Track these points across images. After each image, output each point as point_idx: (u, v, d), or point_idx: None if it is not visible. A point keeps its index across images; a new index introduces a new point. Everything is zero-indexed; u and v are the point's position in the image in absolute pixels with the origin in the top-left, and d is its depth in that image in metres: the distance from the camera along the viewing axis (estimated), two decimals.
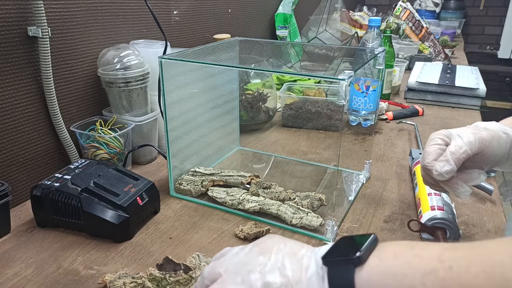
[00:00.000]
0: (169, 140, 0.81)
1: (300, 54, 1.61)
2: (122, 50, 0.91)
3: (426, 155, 0.58)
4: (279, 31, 1.89)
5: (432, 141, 0.58)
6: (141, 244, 0.68)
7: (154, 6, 1.13)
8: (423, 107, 1.34)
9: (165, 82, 0.77)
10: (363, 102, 1.11)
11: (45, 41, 0.79)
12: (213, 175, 0.84)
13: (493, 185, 0.82)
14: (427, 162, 0.57)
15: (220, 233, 0.71)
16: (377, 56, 0.83)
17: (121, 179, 0.74)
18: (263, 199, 0.76)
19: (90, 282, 0.59)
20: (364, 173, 0.90)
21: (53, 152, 0.88)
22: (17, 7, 0.76)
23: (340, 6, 2.08)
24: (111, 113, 0.94)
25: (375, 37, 1.22)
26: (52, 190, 0.69)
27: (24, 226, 0.73)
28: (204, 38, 1.37)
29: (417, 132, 1.14)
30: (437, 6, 3.26)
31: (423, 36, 2.05)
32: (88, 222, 0.69)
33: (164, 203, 0.80)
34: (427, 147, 0.58)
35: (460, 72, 1.56)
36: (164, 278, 0.55)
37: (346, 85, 0.61)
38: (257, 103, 1.15)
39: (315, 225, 0.70)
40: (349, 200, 0.82)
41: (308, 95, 1.27)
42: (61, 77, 0.87)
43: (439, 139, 0.58)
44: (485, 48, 3.69)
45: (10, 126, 0.78)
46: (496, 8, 3.55)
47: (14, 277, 0.60)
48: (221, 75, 0.96)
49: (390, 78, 1.42)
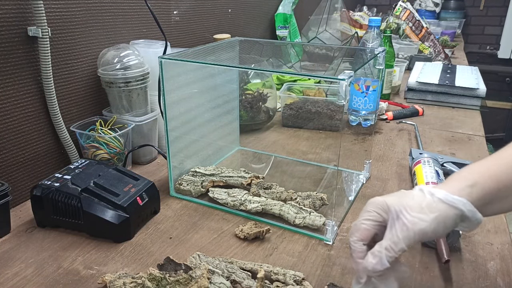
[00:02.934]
0: (169, 140, 0.81)
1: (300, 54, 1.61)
2: (122, 50, 0.91)
3: (355, 230, 0.49)
4: (279, 31, 1.89)
5: (366, 214, 0.49)
6: (141, 244, 0.68)
7: (154, 6, 1.13)
8: (423, 107, 1.34)
9: (165, 82, 0.77)
10: (363, 102, 1.11)
11: (45, 41, 0.79)
12: (213, 175, 0.84)
13: None
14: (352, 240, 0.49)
15: (220, 233, 0.71)
16: (377, 56, 0.83)
17: (121, 179, 0.74)
18: (264, 199, 0.76)
19: (90, 282, 0.59)
20: (364, 173, 0.90)
21: (53, 152, 0.88)
22: (17, 7, 0.76)
23: (340, 6, 2.08)
24: (111, 113, 0.94)
25: (375, 37, 1.22)
26: (52, 190, 0.69)
27: (24, 226, 0.73)
28: (204, 38, 1.37)
29: (417, 132, 1.14)
30: (437, 6, 3.26)
31: (423, 36, 2.05)
32: (88, 222, 0.69)
33: (164, 203, 0.80)
34: (359, 221, 0.50)
35: (460, 72, 1.56)
36: (164, 278, 0.55)
37: (346, 85, 0.61)
38: (257, 103, 1.15)
39: (318, 225, 0.70)
40: (349, 200, 0.82)
41: (308, 95, 1.27)
42: (61, 77, 0.87)
43: (376, 214, 0.48)
44: (485, 48, 3.69)
45: (10, 126, 0.78)
46: (496, 8, 3.55)
47: (14, 277, 0.60)
48: (221, 75, 0.96)
49: (390, 78, 1.42)
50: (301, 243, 0.69)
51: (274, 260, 0.64)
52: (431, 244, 0.67)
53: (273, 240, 0.69)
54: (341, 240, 0.69)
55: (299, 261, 0.64)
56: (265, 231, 0.69)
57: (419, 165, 0.84)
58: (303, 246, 0.68)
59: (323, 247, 0.68)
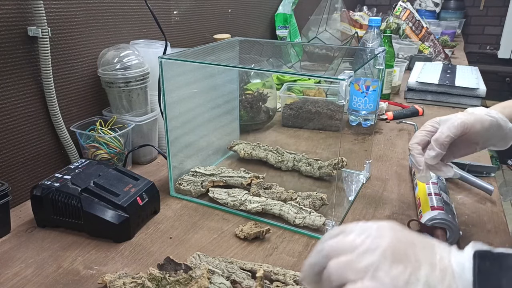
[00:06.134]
0: (169, 140, 0.81)
1: (300, 54, 1.61)
2: (122, 50, 0.91)
3: (413, 138, 0.65)
4: (279, 31, 1.89)
5: (423, 127, 0.65)
6: (141, 244, 0.68)
7: (154, 6, 1.13)
8: (423, 107, 1.34)
9: (165, 82, 0.77)
10: (363, 102, 1.11)
11: (45, 41, 0.79)
12: (213, 175, 0.84)
13: (493, 185, 0.82)
14: (410, 144, 0.65)
15: (220, 233, 0.71)
16: (377, 56, 0.83)
17: (121, 179, 0.74)
18: (264, 199, 0.76)
19: (90, 282, 0.59)
20: (364, 173, 0.90)
21: (53, 152, 0.88)
22: (17, 7, 0.76)
23: (340, 6, 2.08)
24: (111, 113, 0.94)
25: (375, 37, 1.22)
26: (52, 190, 0.69)
27: (24, 226, 0.73)
28: (204, 38, 1.37)
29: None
30: (437, 6, 3.26)
31: (423, 36, 2.05)
32: (88, 222, 0.69)
33: (164, 203, 0.80)
34: (417, 132, 0.65)
35: (460, 72, 1.56)
36: (164, 278, 0.55)
37: (346, 85, 0.61)
38: (257, 103, 1.15)
39: (318, 225, 0.70)
40: (349, 200, 0.82)
41: (308, 95, 1.27)
42: (61, 77, 0.87)
43: (430, 126, 0.64)
44: (485, 48, 3.69)
45: (10, 126, 0.78)
46: (496, 8, 3.55)
47: (14, 277, 0.60)
48: (221, 75, 0.96)
49: (390, 78, 1.42)
50: (301, 243, 0.69)
51: (274, 260, 0.64)
52: None
53: (273, 240, 0.70)
54: None
55: (299, 261, 0.64)
56: (265, 231, 0.69)
57: None
58: (303, 246, 0.68)
59: None
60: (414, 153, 0.65)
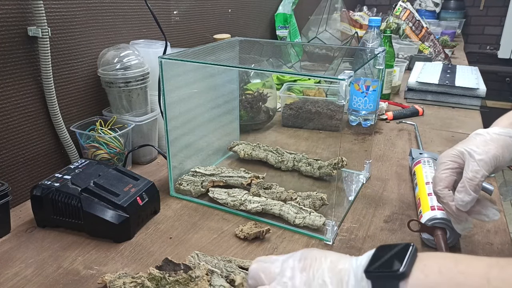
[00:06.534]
0: (169, 140, 0.81)
1: (300, 54, 1.61)
2: (122, 50, 0.91)
3: (438, 181, 0.56)
4: (279, 31, 1.89)
5: (443, 165, 0.56)
6: (141, 244, 0.68)
7: (154, 6, 1.13)
8: (423, 107, 1.34)
9: (165, 82, 0.77)
10: (363, 102, 1.11)
11: (45, 41, 0.79)
12: (213, 175, 0.84)
13: (493, 185, 0.82)
14: (438, 189, 0.56)
15: (220, 233, 0.71)
16: (377, 56, 0.83)
17: (121, 179, 0.74)
18: (264, 199, 0.76)
19: (90, 282, 0.60)
20: (364, 173, 0.90)
21: (53, 152, 0.88)
22: (17, 7, 0.76)
23: (340, 6, 2.08)
24: (111, 113, 0.94)
25: (375, 37, 1.22)
26: (52, 190, 0.69)
27: (24, 226, 0.73)
28: (204, 38, 1.37)
29: (417, 132, 1.14)
30: (437, 6, 3.26)
31: (423, 36, 2.05)
32: (88, 222, 0.69)
33: (164, 203, 0.81)
34: (438, 173, 0.57)
35: (460, 72, 1.56)
36: (163, 278, 0.55)
37: (346, 85, 0.61)
38: (257, 103, 1.15)
39: (318, 225, 0.70)
40: (349, 200, 0.82)
41: (308, 95, 1.27)
42: (61, 77, 0.87)
43: (451, 162, 0.56)
44: (485, 48, 3.69)
45: (10, 126, 0.78)
46: (496, 8, 3.55)
47: (14, 277, 0.60)
48: (221, 75, 0.96)
49: (390, 78, 1.42)
50: (301, 243, 0.69)
51: None
52: (431, 244, 0.67)
53: (273, 240, 0.70)
54: (341, 240, 0.69)
55: None
56: (265, 231, 0.69)
57: (419, 165, 0.84)
58: (303, 246, 0.68)
59: (323, 247, 0.68)
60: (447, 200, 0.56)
